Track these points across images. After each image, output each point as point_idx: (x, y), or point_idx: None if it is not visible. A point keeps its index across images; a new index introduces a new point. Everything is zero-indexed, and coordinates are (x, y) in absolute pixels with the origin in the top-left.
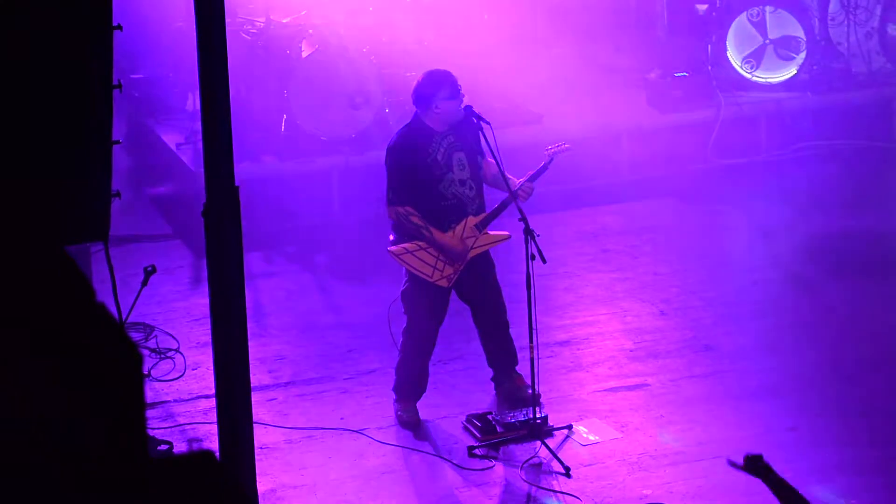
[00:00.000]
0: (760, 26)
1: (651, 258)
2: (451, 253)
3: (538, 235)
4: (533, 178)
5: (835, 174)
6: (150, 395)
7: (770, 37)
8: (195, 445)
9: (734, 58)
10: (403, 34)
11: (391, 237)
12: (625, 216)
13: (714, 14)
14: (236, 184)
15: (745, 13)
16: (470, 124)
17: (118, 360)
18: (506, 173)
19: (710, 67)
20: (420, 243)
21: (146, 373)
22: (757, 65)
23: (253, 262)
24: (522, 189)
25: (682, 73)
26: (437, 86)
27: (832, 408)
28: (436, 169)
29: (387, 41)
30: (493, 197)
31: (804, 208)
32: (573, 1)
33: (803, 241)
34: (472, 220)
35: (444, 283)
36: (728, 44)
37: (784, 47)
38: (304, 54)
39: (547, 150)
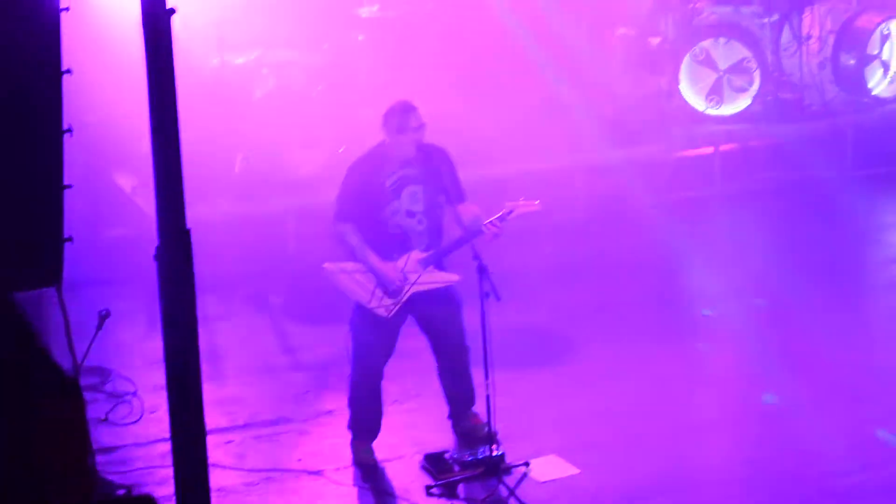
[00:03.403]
0: (713, 59)
1: (607, 289)
2: (385, 281)
3: (493, 273)
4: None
5: (789, 205)
6: (108, 440)
7: (723, 69)
8: (135, 490)
9: (689, 91)
10: (358, 73)
11: None
12: (582, 250)
13: (667, 47)
14: (189, 226)
15: (696, 47)
16: (444, 163)
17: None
18: (464, 214)
19: (664, 101)
20: (360, 266)
21: (103, 417)
22: (720, 101)
23: (208, 304)
24: (488, 226)
25: (636, 108)
26: (388, 116)
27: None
28: (382, 195)
29: (342, 80)
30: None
31: (760, 239)
32: (526, 38)
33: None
34: (416, 255)
35: (382, 311)
36: (681, 76)
37: (737, 78)
38: (259, 94)
39: (510, 202)
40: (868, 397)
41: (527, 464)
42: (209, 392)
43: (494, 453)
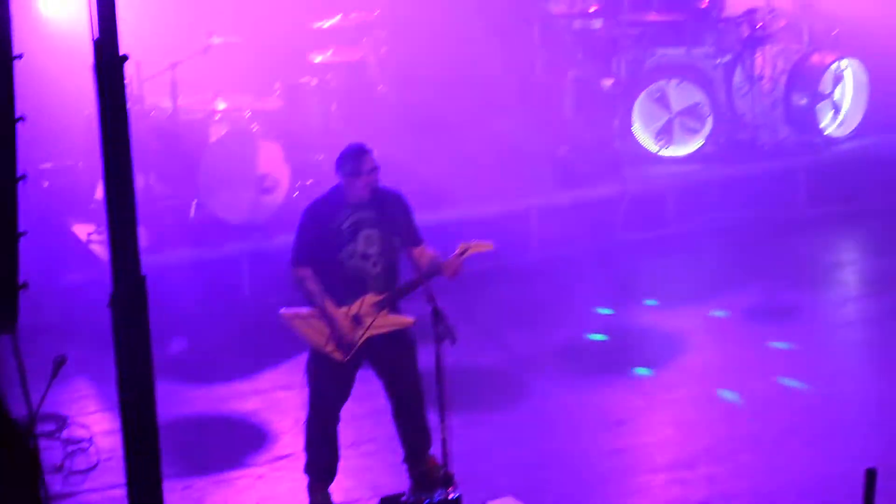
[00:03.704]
0: (665, 100)
1: (562, 331)
2: (338, 327)
3: (447, 315)
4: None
5: (742, 245)
6: (63, 487)
7: (676, 110)
8: None
9: (642, 133)
10: (311, 117)
11: None
12: (537, 293)
13: (619, 89)
14: (144, 272)
15: (649, 88)
16: (399, 206)
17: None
18: (420, 256)
19: (616, 142)
20: (315, 310)
21: (59, 464)
22: (669, 141)
23: (163, 349)
24: (447, 265)
25: (588, 149)
26: (342, 160)
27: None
28: (337, 238)
29: (295, 124)
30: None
31: (716, 279)
32: (479, 80)
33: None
34: (371, 298)
35: (338, 356)
36: (634, 118)
37: (690, 118)
38: (213, 139)
39: (463, 242)
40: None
41: None
42: (166, 437)
43: (451, 496)
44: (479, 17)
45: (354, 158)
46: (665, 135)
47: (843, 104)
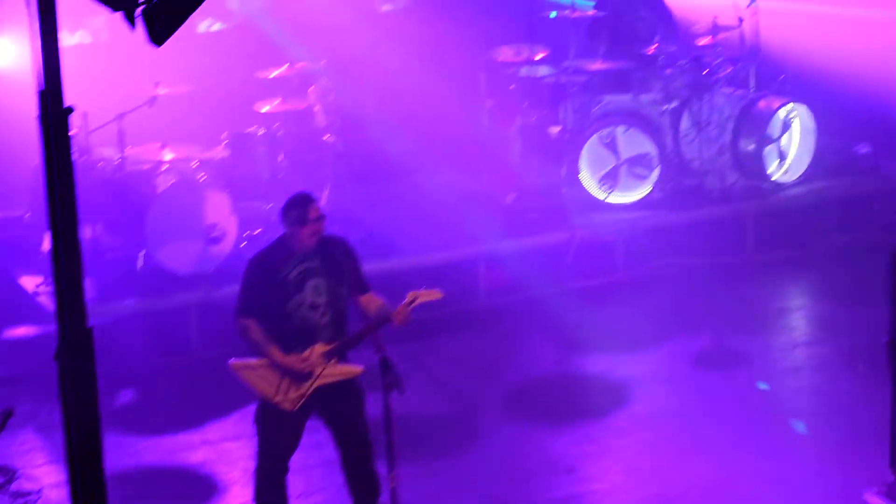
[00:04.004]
0: (612, 147)
1: (510, 377)
2: (289, 376)
3: (396, 364)
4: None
5: (690, 291)
6: None
7: (623, 157)
8: None
9: (589, 180)
10: (259, 166)
11: None
12: (486, 341)
13: (566, 136)
14: (91, 324)
15: (596, 135)
16: (346, 254)
17: None
18: (369, 304)
19: (564, 190)
20: (264, 361)
21: None
22: (614, 186)
23: (110, 400)
24: (396, 313)
25: (536, 197)
26: (287, 208)
27: None
28: (284, 288)
29: (242, 174)
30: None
31: (666, 327)
32: (427, 128)
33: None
34: (320, 348)
35: (287, 405)
36: (581, 165)
37: (637, 165)
38: (160, 190)
39: (412, 291)
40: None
41: None
42: (114, 489)
43: None
44: (426, 65)
45: (300, 207)
46: (610, 180)
47: (791, 149)
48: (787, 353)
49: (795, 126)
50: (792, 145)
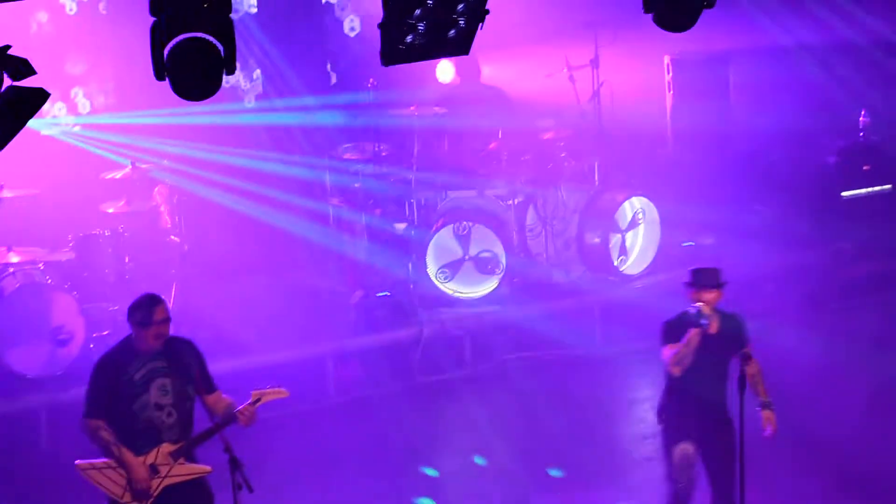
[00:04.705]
0: (458, 242)
1: (359, 475)
2: (135, 476)
3: (244, 463)
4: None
5: (538, 385)
6: None
7: (469, 252)
8: None
9: (432, 269)
10: (105, 268)
11: None
12: (336, 439)
13: (412, 233)
14: None
15: (442, 231)
16: (191, 354)
17: None
18: (215, 404)
19: (411, 286)
20: (111, 462)
21: None
22: (452, 276)
23: None
24: (241, 413)
25: (384, 293)
26: (133, 310)
27: None
28: (130, 388)
29: (88, 276)
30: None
31: (515, 421)
32: (273, 227)
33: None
34: (166, 448)
35: None
36: (428, 261)
37: (484, 260)
38: (6, 292)
39: (256, 390)
40: None
41: None
42: None
43: None
44: (273, 163)
45: (145, 309)
46: (449, 269)
47: (636, 242)
48: (638, 442)
49: (640, 219)
50: (637, 237)
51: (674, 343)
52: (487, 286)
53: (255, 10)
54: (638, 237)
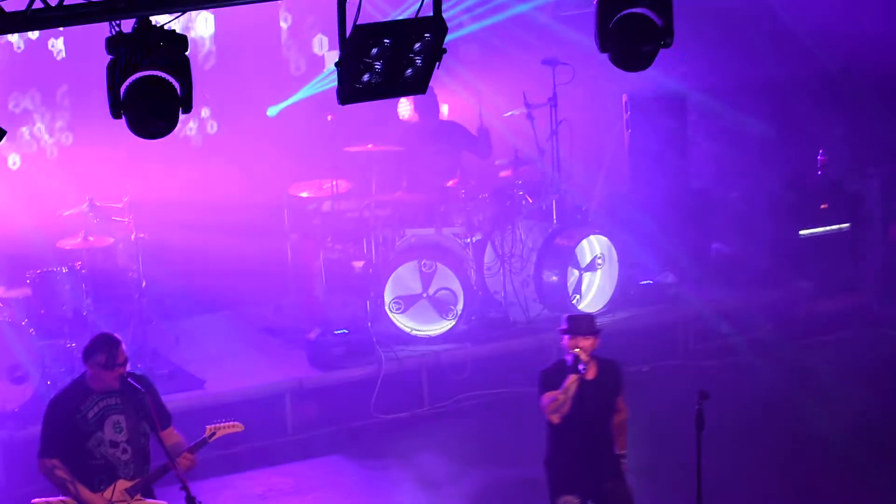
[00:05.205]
0: (427, 278)
1: None
2: None
3: (201, 501)
4: (192, 451)
5: (498, 423)
6: None
7: (429, 292)
8: None
9: (395, 313)
10: (62, 305)
11: None
12: (292, 476)
13: (371, 270)
14: None
15: (400, 268)
16: (146, 390)
17: None
18: (167, 440)
19: (369, 324)
20: (68, 500)
21: None
22: (405, 309)
23: None
24: (182, 459)
25: (342, 331)
26: (92, 350)
27: None
28: (84, 426)
29: (45, 312)
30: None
31: (472, 461)
32: (231, 264)
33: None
34: (122, 484)
35: None
36: (386, 298)
37: (441, 298)
38: None
39: (210, 425)
40: None
41: None
42: None
43: None
44: (227, 202)
45: (103, 350)
46: (402, 302)
47: (594, 280)
48: None
49: (599, 263)
50: (596, 276)
51: (552, 390)
52: (445, 324)
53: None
54: (597, 275)
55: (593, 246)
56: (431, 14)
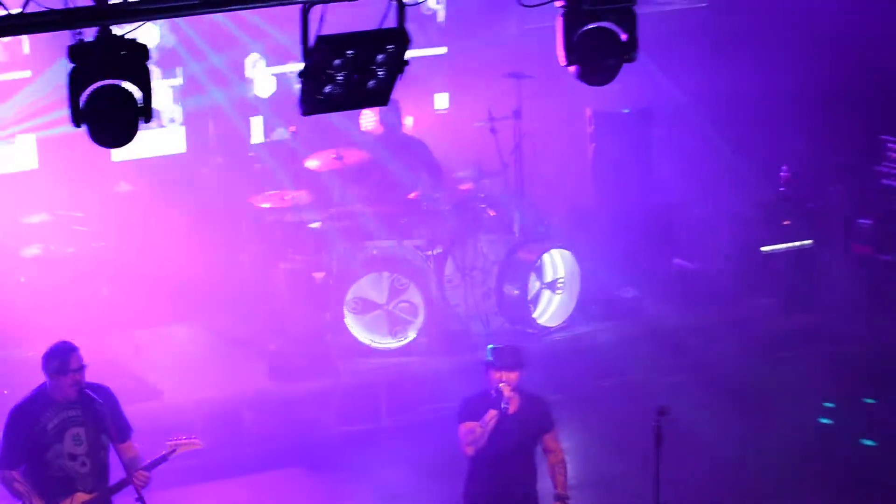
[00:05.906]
0: (376, 294)
1: None
2: None
3: None
4: (149, 468)
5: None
6: None
7: (389, 305)
8: None
9: (355, 325)
10: (21, 314)
11: None
12: (250, 489)
13: (331, 282)
14: None
15: (357, 283)
16: (107, 402)
17: None
18: (125, 454)
19: (328, 336)
20: None
21: None
22: (361, 311)
23: None
24: (137, 477)
25: (301, 343)
26: (48, 358)
27: None
28: (43, 438)
29: (4, 322)
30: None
31: (431, 474)
32: (190, 275)
33: None
34: (80, 497)
35: None
36: (346, 309)
37: (401, 308)
38: None
39: (170, 441)
40: None
41: None
42: None
43: None
44: (188, 212)
45: (60, 357)
46: (362, 308)
47: (556, 294)
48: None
49: (560, 271)
50: (557, 290)
51: (471, 421)
52: (405, 337)
53: None
54: (559, 292)
55: (555, 260)
56: (395, 26)
